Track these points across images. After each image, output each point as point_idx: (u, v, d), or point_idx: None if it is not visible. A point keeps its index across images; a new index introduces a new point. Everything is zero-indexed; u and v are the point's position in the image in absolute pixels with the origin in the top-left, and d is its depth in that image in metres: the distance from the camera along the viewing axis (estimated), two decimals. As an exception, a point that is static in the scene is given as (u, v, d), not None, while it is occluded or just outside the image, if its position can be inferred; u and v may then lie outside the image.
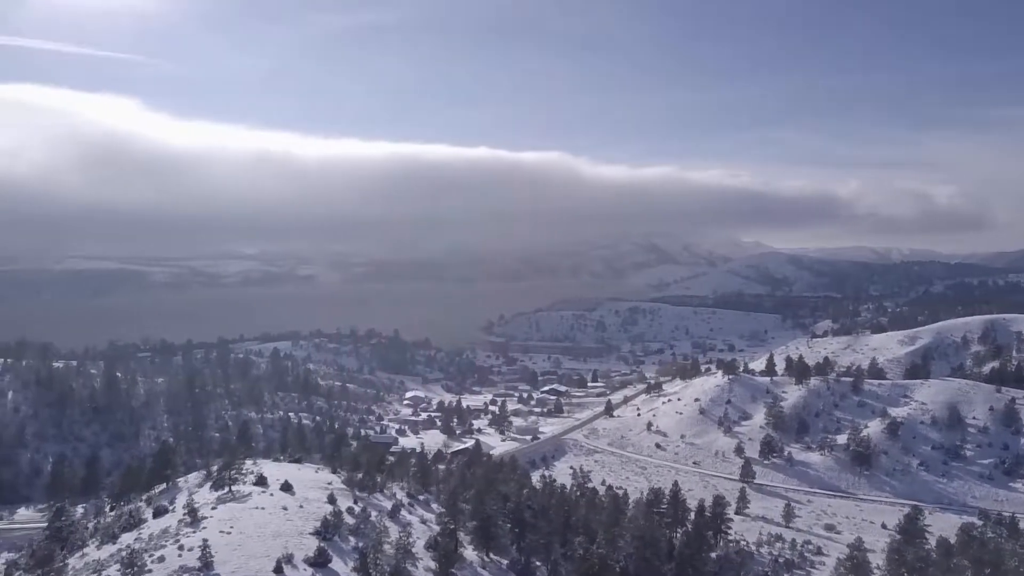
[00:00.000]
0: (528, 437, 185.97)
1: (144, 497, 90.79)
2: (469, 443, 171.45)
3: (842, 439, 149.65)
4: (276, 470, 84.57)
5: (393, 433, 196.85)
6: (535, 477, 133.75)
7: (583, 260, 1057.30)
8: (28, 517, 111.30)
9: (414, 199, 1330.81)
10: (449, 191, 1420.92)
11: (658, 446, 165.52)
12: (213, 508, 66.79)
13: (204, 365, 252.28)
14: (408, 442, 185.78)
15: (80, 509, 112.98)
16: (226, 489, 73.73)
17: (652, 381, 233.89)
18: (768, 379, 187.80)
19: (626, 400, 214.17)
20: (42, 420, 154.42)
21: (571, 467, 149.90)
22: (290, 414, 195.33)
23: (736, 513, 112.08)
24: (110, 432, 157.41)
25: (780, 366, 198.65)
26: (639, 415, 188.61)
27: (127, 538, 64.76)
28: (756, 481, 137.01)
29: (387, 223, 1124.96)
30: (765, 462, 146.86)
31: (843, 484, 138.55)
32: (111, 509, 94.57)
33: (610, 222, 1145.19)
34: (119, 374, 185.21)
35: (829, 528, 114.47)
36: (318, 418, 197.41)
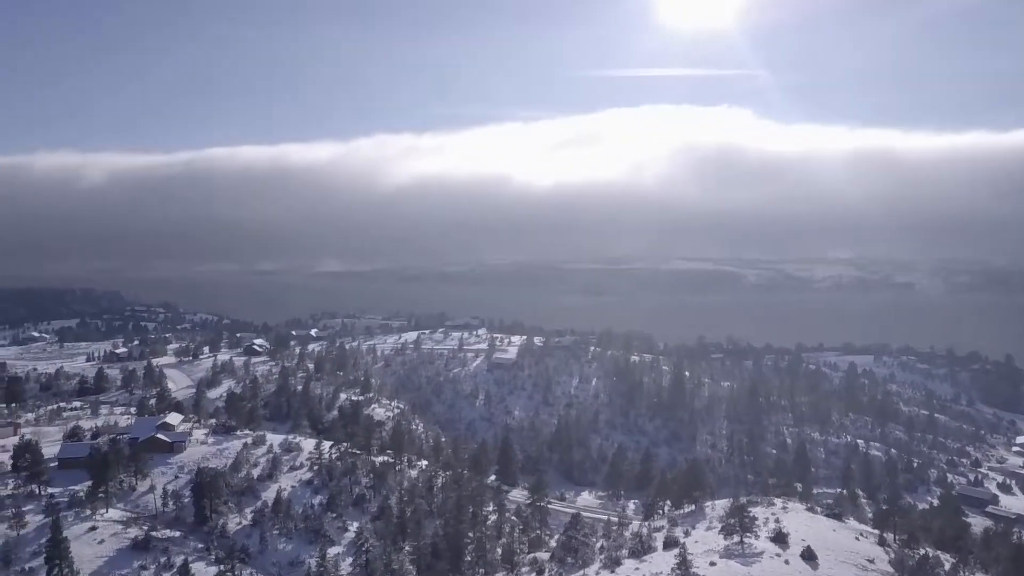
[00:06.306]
0: None
1: (670, 516, 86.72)
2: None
3: None
4: (804, 525, 70.23)
5: (993, 488, 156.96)
6: None
7: None
8: (586, 503, 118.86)
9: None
10: None
11: None
12: (712, 563, 57.31)
13: (773, 373, 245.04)
14: (1012, 503, 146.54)
15: (631, 505, 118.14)
16: (736, 538, 63.25)
17: None
18: None
19: None
20: (614, 409, 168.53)
21: None
22: (859, 441, 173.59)
23: None
24: (669, 430, 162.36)
25: None
26: None
27: (625, 569, 60.24)
28: None
29: (1013, 224, 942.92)
30: None
31: None
32: (645, 517, 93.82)
33: None
34: (687, 373, 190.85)
35: None
36: (893, 451, 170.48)
